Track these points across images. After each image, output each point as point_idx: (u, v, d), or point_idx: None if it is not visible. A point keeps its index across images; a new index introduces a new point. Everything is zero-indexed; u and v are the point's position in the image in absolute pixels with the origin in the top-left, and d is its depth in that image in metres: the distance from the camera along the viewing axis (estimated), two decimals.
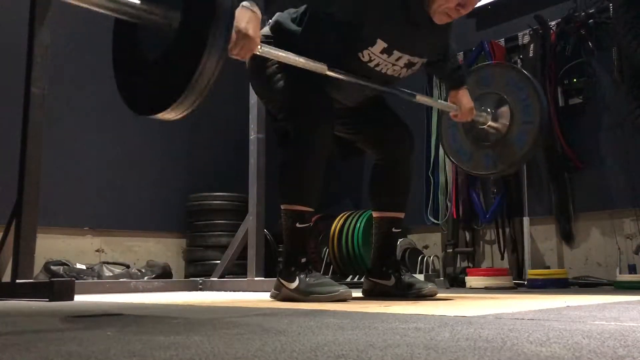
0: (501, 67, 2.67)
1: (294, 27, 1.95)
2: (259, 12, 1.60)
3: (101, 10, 1.38)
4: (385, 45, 1.87)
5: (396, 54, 1.90)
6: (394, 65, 1.93)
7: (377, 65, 1.92)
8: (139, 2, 1.36)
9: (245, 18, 1.55)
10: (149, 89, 1.41)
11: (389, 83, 2.03)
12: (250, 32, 1.56)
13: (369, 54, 1.88)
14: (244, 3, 1.59)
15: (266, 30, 2.04)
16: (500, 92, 2.48)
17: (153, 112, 1.36)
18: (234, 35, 1.51)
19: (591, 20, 3.38)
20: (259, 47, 1.63)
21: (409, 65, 1.97)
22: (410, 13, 1.85)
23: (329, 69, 1.81)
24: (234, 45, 1.56)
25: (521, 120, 2.43)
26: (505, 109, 2.45)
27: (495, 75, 2.56)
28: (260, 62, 1.99)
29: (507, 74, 2.54)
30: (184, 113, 1.31)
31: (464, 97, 2.26)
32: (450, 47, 2.21)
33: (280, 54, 1.74)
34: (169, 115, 1.32)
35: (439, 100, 2.47)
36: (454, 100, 2.27)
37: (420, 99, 2.27)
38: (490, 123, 2.43)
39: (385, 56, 1.90)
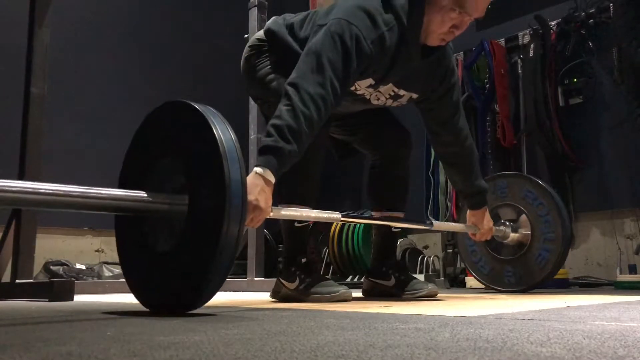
0: (517, 178, 2.60)
1: (287, 37, 1.93)
2: (272, 178, 1.51)
3: (107, 212, 1.31)
4: (373, 82, 1.86)
5: (382, 87, 1.91)
6: (377, 92, 1.93)
7: (362, 94, 1.93)
8: (145, 194, 1.28)
9: (257, 189, 1.47)
10: (166, 286, 1.30)
11: (371, 104, 2.01)
12: (262, 204, 1.47)
13: (356, 85, 1.87)
14: (256, 169, 1.50)
15: (260, 34, 2.03)
16: (518, 205, 2.43)
17: (177, 311, 1.28)
18: None
19: (591, 20, 3.38)
20: (271, 213, 1.55)
21: (395, 97, 1.96)
22: (406, 50, 1.80)
23: (343, 216, 1.78)
24: None
25: (542, 237, 2.37)
26: (524, 219, 2.41)
27: (511, 185, 2.50)
28: (254, 64, 1.98)
29: (524, 186, 2.47)
30: (207, 301, 1.24)
31: (484, 218, 2.22)
32: (466, 140, 2.10)
33: (292, 212, 1.67)
34: (193, 308, 1.26)
35: (456, 224, 2.40)
36: (473, 221, 2.23)
37: (438, 226, 2.28)
38: (511, 236, 2.39)
39: (371, 89, 1.91)
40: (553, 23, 3.53)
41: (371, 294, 2.15)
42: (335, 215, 1.75)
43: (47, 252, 3.51)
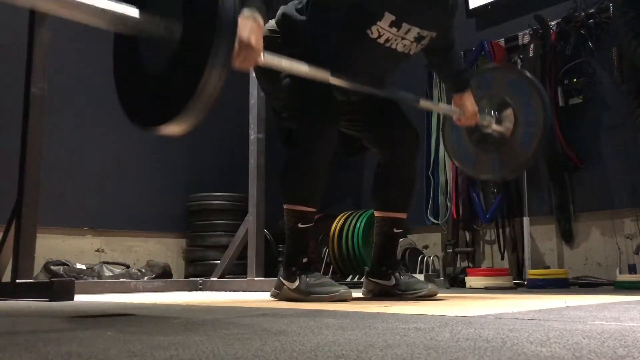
0: (502, 70, 2.64)
1: (300, 17, 1.93)
2: (261, 20, 1.55)
3: (100, 25, 1.32)
4: (394, 17, 1.84)
5: (405, 26, 1.88)
6: (403, 39, 1.91)
7: (387, 40, 1.90)
8: (138, 15, 1.31)
9: (247, 27, 1.49)
10: (152, 103, 1.36)
11: (400, 61, 2.02)
12: (253, 42, 1.50)
13: (377, 30, 1.85)
14: (245, 12, 1.52)
15: (272, 24, 2.01)
16: (502, 95, 2.43)
17: (155, 125, 1.31)
18: (236, 45, 1.42)
19: (591, 20, 3.38)
20: (262, 56, 1.57)
21: (419, 39, 1.95)
22: None
23: (332, 75, 1.77)
24: (236, 56, 1.50)
25: (525, 122, 2.38)
26: (509, 112, 2.40)
27: (497, 77, 2.53)
28: None
29: (508, 76, 2.50)
30: (187, 126, 1.27)
31: (468, 101, 2.22)
32: (454, 44, 2.18)
33: (283, 62, 1.69)
34: (171, 129, 1.28)
35: (442, 104, 2.42)
36: (458, 104, 2.23)
37: (424, 104, 2.24)
38: (494, 126, 2.39)
39: (394, 29, 1.88)
40: (553, 23, 3.52)
41: (371, 294, 2.15)
42: (324, 73, 1.76)
43: (47, 252, 3.51)
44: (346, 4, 1.87)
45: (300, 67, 1.72)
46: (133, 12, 1.29)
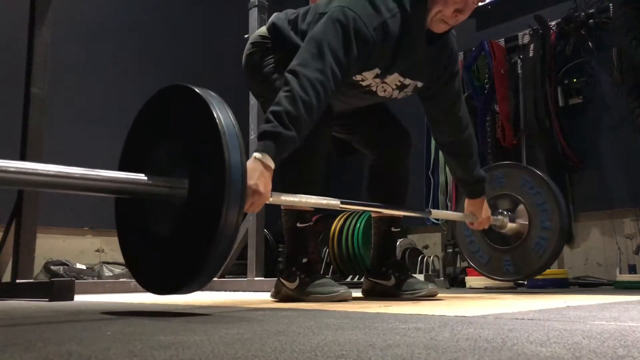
0: (514, 168, 2.62)
1: (290, 33, 1.93)
2: (271, 163, 1.51)
3: (104, 195, 1.30)
4: (379, 72, 1.85)
5: (388, 78, 1.90)
6: (383, 83, 1.92)
7: (369, 85, 1.91)
8: (145, 178, 1.27)
9: (256, 173, 1.47)
10: (164, 267, 1.31)
11: (384, 100, 2.02)
12: (261, 189, 1.48)
13: (362, 76, 1.86)
14: (255, 154, 1.50)
15: (263, 30, 2.03)
16: (515, 194, 2.43)
17: (172, 292, 1.28)
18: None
19: (591, 20, 3.38)
20: (270, 198, 1.55)
21: (401, 87, 1.95)
22: (410, 37, 1.80)
23: (342, 202, 1.76)
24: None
25: (540, 226, 2.38)
26: (522, 209, 2.41)
27: (509, 175, 2.51)
28: (257, 61, 1.98)
29: (521, 175, 2.48)
30: (205, 284, 1.24)
31: (481, 207, 2.23)
32: (471, 141, 2.12)
33: (292, 199, 1.66)
34: (187, 291, 1.26)
35: (455, 213, 2.40)
36: (471, 209, 2.24)
37: (436, 214, 2.27)
38: (509, 226, 2.40)
39: (378, 80, 1.89)
40: (553, 23, 3.53)
41: (371, 294, 2.15)
42: (334, 201, 1.75)
43: (47, 252, 3.51)
44: None
45: (310, 200, 1.70)
46: (139, 177, 1.27)
